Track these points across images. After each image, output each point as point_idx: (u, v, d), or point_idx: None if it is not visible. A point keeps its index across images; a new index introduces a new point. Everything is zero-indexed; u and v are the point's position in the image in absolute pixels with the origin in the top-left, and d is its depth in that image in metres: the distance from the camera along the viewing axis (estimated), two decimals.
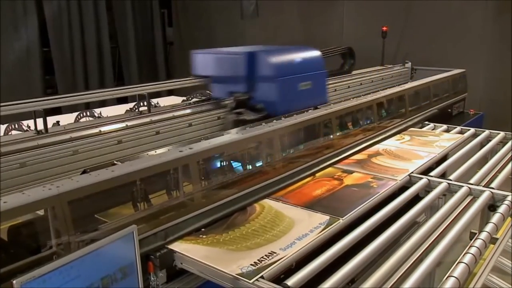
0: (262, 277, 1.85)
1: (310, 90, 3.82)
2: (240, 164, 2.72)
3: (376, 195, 2.73)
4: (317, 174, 3.09)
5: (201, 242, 2.16)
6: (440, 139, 3.98)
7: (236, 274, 1.86)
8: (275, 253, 2.05)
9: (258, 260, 1.98)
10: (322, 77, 4.08)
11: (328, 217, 2.41)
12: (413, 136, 4.09)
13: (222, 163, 2.61)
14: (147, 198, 2.19)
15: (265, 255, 2.02)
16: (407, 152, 3.61)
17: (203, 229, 2.28)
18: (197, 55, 3.94)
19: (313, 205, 2.59)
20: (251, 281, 1.82)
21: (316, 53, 4.12)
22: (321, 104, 3.81)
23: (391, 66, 6.39)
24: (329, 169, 3.20)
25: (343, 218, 2.41)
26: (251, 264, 1.94)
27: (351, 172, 3.13)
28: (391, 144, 3.85)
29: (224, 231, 2.27)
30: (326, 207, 2.54)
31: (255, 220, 2.40)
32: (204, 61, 3.93)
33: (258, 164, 2.82)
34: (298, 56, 3.93)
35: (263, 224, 2.35)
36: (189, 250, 2.08)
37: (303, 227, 2.31)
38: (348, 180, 3.00)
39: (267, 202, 2.64)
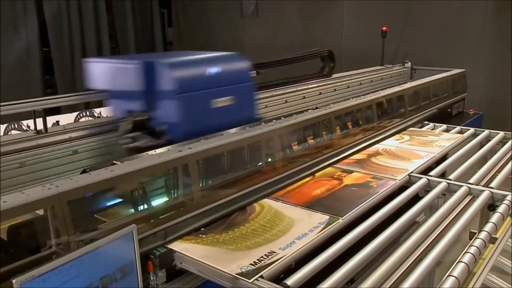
0: (261, 276, 1.86)
1: (230, 108, 2.96)
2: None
3: (375, 194, 2.73)
4: (317, 174, 3.09)
5: (200, 241, 2.16)
6: (440, 139, 3.98)
7: (236, 274, 1.86)
8: (275, 252, 2.05)
9: (257, 259, 1.98)
10: (247, 90, 3.15)
11: (327, 217, 2.41)
12: (413, 136, 4.09)
13: (222, 163, 2.61)
14: (146, 198, 2.19)
15: (265, 255, 2.02)
16: (407, 152, 3.61)
17: (202, 229, 2.28)
18: (90, 64, 3.06)
19: (312, 204, 2.59)
20: (250, 281, 1.82)
21: (239, 61, 3.19)
22: (249, 122, 3.00)
23: (391, 66, 6.39)
24: (329, 169, 3.20)
25: (342, 218, 2.41)
26: (250, 264, 1.94)
27: (350, 172, 3.13)
28: (390, 144, 3.85)
29: (223, 231, 2.27)
30: (325, 207, 2.54)
31: (255, 219, 2.40)
32: (98, 72, 3.05)
33: (258, 164, 2.82)
34: (213, 65, 2.96)
35: (262, 223, 2.35)
36: (189, 250, 2.08)
37: (303, 226, 2.31)
38: (348, 179, 3.00)
39: (266, 201, 2.64)
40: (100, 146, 2.93)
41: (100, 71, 3.04)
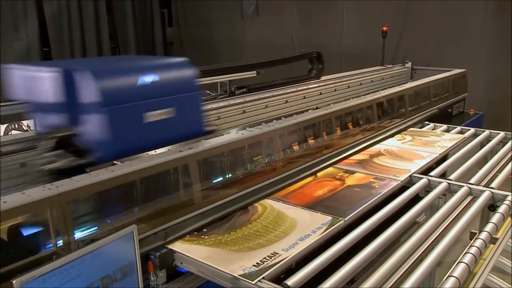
0: (263, 277, 1.85)
1: (171, 121, 2.49)
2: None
3: (378, 195, 2.73)
4: (319, 175, 3.09)
5: (203, 242, 2.16)
6: (441, 139, 3.97)
7: (238, 275, 1.86)
8: (278, 253, 2.04)
9: (260, 261, 1.98)
10: (192, 100, 2.68)
11: (330, 218, 2.41)
12: (415, 136, 4.09)
13: (221, 163, 2.61)
14: (147, 198, 2.19)
15: (268, 256, 2.02)
16: (409, 152, 3.60)
17: (205, 230, 2.28)
18: (11, 70, 2.55)
19: (315, 205, 2.58)
20: (253, 282, 1.81)
21: (182, 68, 2.77)
22: (195, 136, 2.65)
23: (391, 66, 6.38)
24: (331, 169, 3.19)
25: (345, 219, 2.40)
26: (253, 265, 1.93)
27: (352, 173, 3.13)
28: (392, 144, 3.85)
29: (226, 232, 2.27)
30: (328, 208, 2.54)
31: (257, 220, 2.40)
32: (18, 80, 2.56)
33: (258, 164, 2.82)
34: (148, 73, 2.45)
35: (265, 224, 2.35)
36: (191, 251, 2.08)
37: (305, 227, 2.30)
38: (350, 180, 2.99)
39: (269, 202, 2.63)
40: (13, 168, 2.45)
41: (21, 80, 2.54)
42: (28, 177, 2.34)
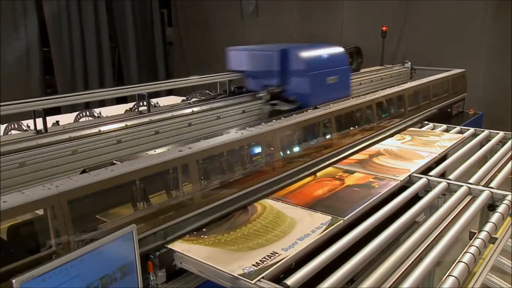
0: (262, 277, 1.85)
1: (336, 84, 4.22)
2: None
3: (377, 195, 2.73)
4: (318, 174, 3.09)
5: (202, 242, 2.16)
6: (441, 139, 3.97)
7: (238, 275, 1.86)
8: (277, 253, 2.05)
9: (260, 260, 1.98)
10: (346, 72, 4.49)
11: (329, 218, 2.41)
12: (414, 136, 4.09)
13: (221, 163, 2.62)
14: (146, 198, 2.19)
15: (267, 256, 2.02)
16: (409, 152, 3.61)
17: (204, 229, 2.28)
18: (231, 51, 4.36)
19: (314, 205, 2.59)
20: (253, 282, 1.81)
21: (340, 50, 4.53)
22: (345, 97, 4.20)
23: (391, 66, 6.38)
24: (330, 169, 3.20)
25: (345, 219, 2.40)
26: (253, 265, 1.94)
27: (352, 172, 3.13)
28: (392, 144, 3.85)
29: (225, 232, 2.27)
30: (327, 207, 2.54)
31: (257, 220, 2.40)
32: (237, 57, 4.33)
33: (258, 163, 2.82)
34: (326, 52, 4.33)
35: (264, 224, 2.35)
36: (191, 250, 2.08)
37: (305, 227, 2.31)
38: (350, 180, 2.99)
39: (268, 202, 2.63)
40: (237, 113, 3.74)
41: (240, 57, 4.30)
42: (261, 116, 3.82)
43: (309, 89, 3.94)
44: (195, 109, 3.57)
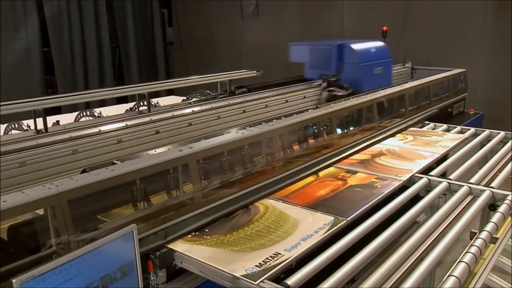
0: (265, 278, 1.84)
1: (381, 74, 5.15)
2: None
3: (380, 195, 2.72)
4: (321, 174, 3.08)
5: (205, 242, 2.15)
6: (443, 139, 3.97)
7: (240, 275, 1.85)
8: (280, 254, 2.04)
9: (263, 261, 1.97)
10: (389, 64, 5.42)
11: (332, 218, 2.40)
12: (416, 136, 4.08)
13: (221, 162, 2.61)
14: (146, 197, 2.19)
15: (270, 256, 2.01)
16: (410, 152, 3.60)
17: (206, 230, 2.28)
18: (293, 46, 5.28)
19: (317, 205, 2.58)
20: (256, 283, 1.80)
21: (383, 45, 5.42)
22: (387, 85, 4.93)
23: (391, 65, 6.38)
24: (333, 169, 3.19)
25: (347, 219, 2.39)
26: (255, 266, 1.93)
27: (354, 172, 3.12)
28: (394, 144, 3.85)
29: (228, 232, 2.26)
30: (330, 208, 2.53)
31: (259, 220, 2.39)
32: (299, 51, 5.24)
33: (258, 163, 2.82)
34: (374, 46, 5.26)
35: (267, 224, 2.34)
36: (193, 251, 2.07)
37: (308, 227, 2.30)
38: (352, 180, 2.99)
39: (271, 202, 2.62)
40: (298, 98, 4.47)
41: (301, 50, 5.22)
42: (320, 100, 4.65)
43: (360, 78, 4.82)
44: (196, 109, 3.57)
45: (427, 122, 4.65)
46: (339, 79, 4.85)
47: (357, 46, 4.94)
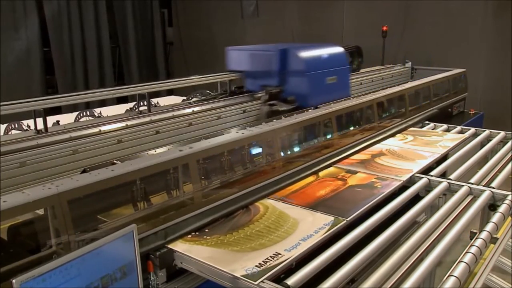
0: (266, 278, 1.84)
1: (336, 84, 4.15)
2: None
3: (380, 195, 2.72)
4: (321, 174, 3.08)
5: (205, 243, 2.16)
6: (443, 139, 3.97)
7: (241, 275, 1.85)
8: (280, 254, 2.04)
9: (263, 261, 1.97)
10: (345, 72, 4.41)
11: (332, 218, 2.40)
12: (416, 136, 4.08)
13: (221, 162, 2.61)
14: (147, 198, 2.18)
15: (270, 256, 2.01)
16: (411, 152, 3.60)
17: (206, 230, 2.28)
18: (230, 51, 4.35)
19: (317, 205, 2.58)
20: (256, 283, 1.80)
21: (340, 50, 4.43)
22: (344, 97, 4.08)
23: (391, 65, 6.38)
24: (333, 169, 3.19)
25: (347, 219, 2.39)
26: (255, 265, 1.93)
27: (355, 173, 3.12)
28: (394, 144, 3.85)
29: (228, 232, 2.26)
30: (330, 208, 2.53)
31: (259, 221, 2.39)
32: (238, 57, 4.32)
33: (258, 163, 2.82)
34: (325, 52, 4.25)
35: (267, 225, 2.34)
36: (193, 251, 2.07)
37: (308, 227, 2.30)
38: (352, 180, 2.99)
39: (271, 202, 2.62)
40: (237, 113, 3.80)
41: (239, 57, 4.28)
42: (259, 116, 3.81)
43: (307, 89, 3.87)
44: (196, 109, 3.57)
45: (427, 122, 4.65)
46: (282, 91, 3.97)
47: (303, 52, 4.00)
